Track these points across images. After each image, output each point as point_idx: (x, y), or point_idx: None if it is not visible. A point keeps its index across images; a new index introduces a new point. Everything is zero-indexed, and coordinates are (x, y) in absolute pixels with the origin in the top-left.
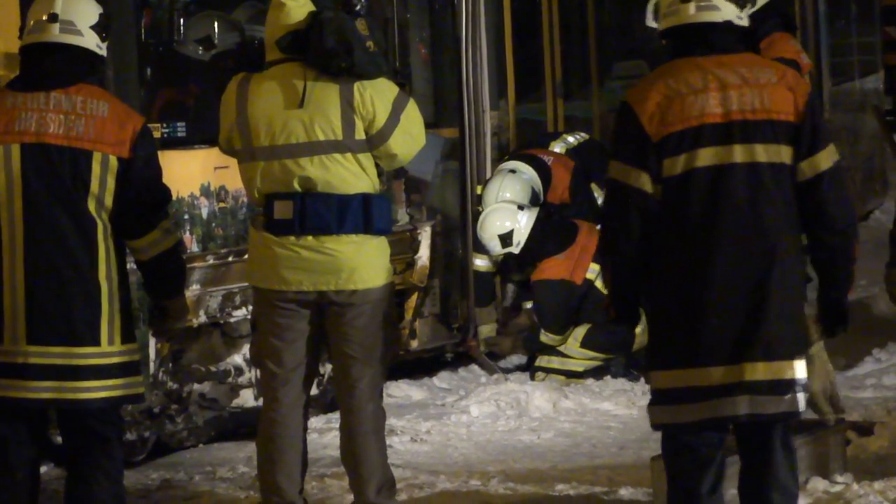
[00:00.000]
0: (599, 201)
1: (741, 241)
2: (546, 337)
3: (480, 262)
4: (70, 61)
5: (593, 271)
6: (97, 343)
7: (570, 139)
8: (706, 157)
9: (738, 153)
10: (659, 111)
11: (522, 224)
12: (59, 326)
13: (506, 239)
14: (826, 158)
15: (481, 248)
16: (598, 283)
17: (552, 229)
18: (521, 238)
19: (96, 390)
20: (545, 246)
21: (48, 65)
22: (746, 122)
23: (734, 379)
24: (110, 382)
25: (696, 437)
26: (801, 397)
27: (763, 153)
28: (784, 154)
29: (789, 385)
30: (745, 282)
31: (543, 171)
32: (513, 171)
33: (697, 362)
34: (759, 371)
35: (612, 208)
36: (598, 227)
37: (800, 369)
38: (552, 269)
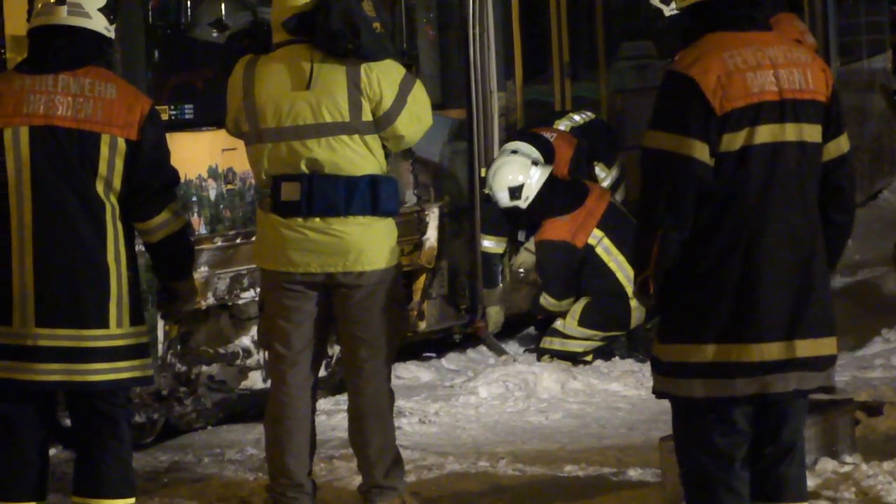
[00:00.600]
0: (606, 182)
1: (791, 219)
2: (545, 300)
3: (489, 243)
4: (78, 44)
5: (595, 237)
6: (106, 325)
7: (577, 118)
8: (764, 134)
9: (790, 132)
10: (720, 85)
11: (534, 180)
12: (67, 309)
13: (515, 192)
14: (847, 140)
15: (490, 230)
16: (599, 250)
17: (562, 189)
18: (530, 193)
19: (105, 372)
20: (552, 204)
21: (56, 47)
22: (796, 102)
23: (788, 356)
24: (119, 364)
25: (734, 412)
26: (833, 372)
27: (808, 132)
28: (820, 134)
29: (829, 361)
30: (796, 259)
31: (546, 148)
32: (515, 153)
33: (750, 338)
34: (807, 347)
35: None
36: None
37: (835, 345)
38: (555, 229)
